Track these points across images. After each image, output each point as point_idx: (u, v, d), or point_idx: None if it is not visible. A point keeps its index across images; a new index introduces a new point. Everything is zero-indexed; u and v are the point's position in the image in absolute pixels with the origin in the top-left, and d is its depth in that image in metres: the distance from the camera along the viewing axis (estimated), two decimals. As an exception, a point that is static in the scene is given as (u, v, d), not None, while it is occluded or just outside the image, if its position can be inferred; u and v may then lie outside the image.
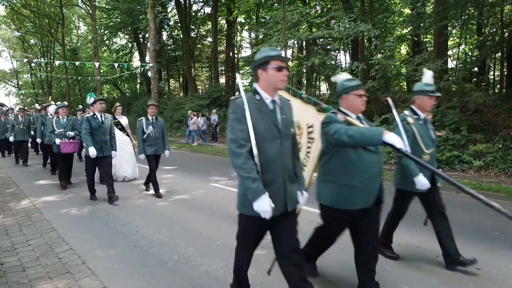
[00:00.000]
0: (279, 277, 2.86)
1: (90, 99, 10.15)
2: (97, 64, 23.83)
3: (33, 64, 38.52)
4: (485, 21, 15.82)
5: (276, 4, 21.38)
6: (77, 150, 8.61)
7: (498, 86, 17.57)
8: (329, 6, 22.52)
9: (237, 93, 8.73)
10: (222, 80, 29.65)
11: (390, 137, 2.51)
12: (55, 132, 8.06)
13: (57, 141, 7.90)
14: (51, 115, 9.35)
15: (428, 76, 3.91)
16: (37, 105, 15.53)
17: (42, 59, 35.40)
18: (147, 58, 26.29)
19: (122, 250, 4.43)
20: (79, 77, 31.32)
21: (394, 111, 3.74)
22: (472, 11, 14.51)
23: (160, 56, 25.54)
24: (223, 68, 29.52)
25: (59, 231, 5.11)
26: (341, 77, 3.25)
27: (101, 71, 28.64)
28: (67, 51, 34.74)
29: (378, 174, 3.07)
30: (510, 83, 15.18)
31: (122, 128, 8.76)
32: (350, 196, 2.94)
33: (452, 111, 11.14)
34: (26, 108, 13.17)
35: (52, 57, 37.74)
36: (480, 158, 9.81)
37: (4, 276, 3.74)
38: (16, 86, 47.45)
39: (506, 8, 14.15)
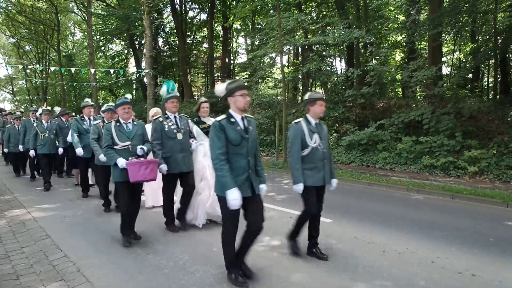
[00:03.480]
0: None
1: (168, 90, 5.64)
2: (92, 70, 23.74)
3: (28, 71, 38.41)
4: (479, 28, 15.98)
5: (271, 11, 21.47)
6: (156, 177, 4.83)
7: (492, 92, 17.69)
8: (324, 12, 22.66)
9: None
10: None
11: None
12: (116, 147, 4.83)
13: (121, 162, 4.65)
14: (101, 118, 6.70)
15: None
16: (57, 108, 11.93)
17: (38, 66, 35.30)
18: (143, 64, 26.22)
19: (118, 257, 4.40)
20: (75, 83, 31.20)
21: None
22: (466, 18, 14.65)
23: (156, 62, 25.53)
24: (219, 74, 29.53)
25: (53, 238, 5.08)
26: None
27: (97, 77, 28.56)
28: (63, 57, 34.64)
29: None
30: (504, 89, 15.31)
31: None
32: None
33: (447, 117, 11.21)
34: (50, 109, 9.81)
35: (47, 63, 37.63)
36: (475, 164, 9.86)
37: (-3, 284, 3.71)
38: (11, 92, 47.25)
39: (499, 15, 14.30)
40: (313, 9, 23.09)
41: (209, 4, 25.59)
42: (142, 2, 17.74)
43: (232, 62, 31.12)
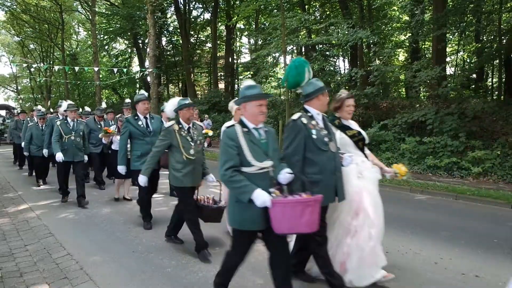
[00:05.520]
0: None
1: (306, 75, 3.47)
2: (96, 69, 23.86)
3: (32, 69, 38.59)
4: (483, 28, 15.91)
5: (275, 11, 21.47)
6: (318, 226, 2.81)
7: (496, 93, 17.63)
8: (328, 12, 22.64)
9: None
10: (221, 85, 29.69)
11: None
12: (247, 170, 2.84)
13: (264, 197, 2.68)
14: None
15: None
16: (104, 104, 10.02)
17: (42, 64, 35.45)
18: (147, 63, 26.35)
19: (120, 256, 4.41)
20: (78, 82, 31.32)
21: None
22: (470, 18, 14.59)
23: (159, 61, 25.57)
24: (222, 74, 29.58)
25: (57, 236, 5.10)
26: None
27: (100, 76, 28.66)
28: (67, 56, 34.81)
29: None
30: (508, 90, 15.23)
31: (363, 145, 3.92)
32: None
33: (451, 118, 11.16)
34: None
35: (51, 62, 37.78)
36: (479, 165, 9.81)
37: (1, 281, 3.73)
38: (15, 90, 47.45)
39: (504, 15, 14.25)
40: (316, 9, 23.07)
41: (213, 4, 25.63)
42: (146, 1, 17.79)
43: (235, 61, 31.13)
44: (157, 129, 5.64)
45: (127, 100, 8.84)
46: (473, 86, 17.48)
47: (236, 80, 30.59)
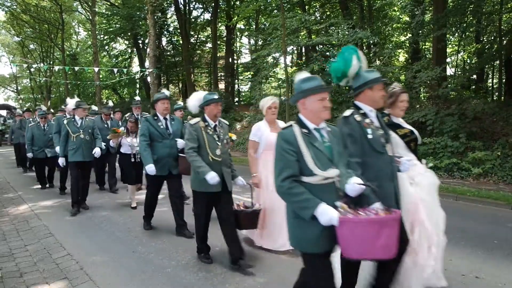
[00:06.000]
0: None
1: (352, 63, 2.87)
2: (96, 69, 23.87)
3: (32, 69, 38.62)
4: (484, 29, 15.91)
5: (275, 11, 21.48)
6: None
7: (497, 93, 17.63)
8: (328, 13, 22.65)
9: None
10: (222, 85, 29.69)
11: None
12: (308, 180, 2.32)
13: (329, 214, 2.17)
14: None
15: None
16: (110, 103, 9.61)
17: (42, 64, 35.46)
18: (147, 64, 26.36)
19: (120, 256, 4.42)
20: (78, 82, 31.33)
21: None
22: (471, 19, 14.60)
23: (159, 62, 25.58)
24: (223, 74, 29.59)
25: (57, 236, 5.10)
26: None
27: (101, 76, 28.66)
28: (67, 56, 34.81)
29: None
30: (508, 91, 15.23)
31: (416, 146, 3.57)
32: None
33: (451, 118, 11.16)
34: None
35: (51, 62, 37.81)
36: (479, 166, 9.80)
37: (1, 281, 3.73)
38: (15, 91, 47.47)
39: (504, 16, 14.25)
40: (317, 9, 23.08)
41: (213, 4, 25.63)
42: (146, 1, 17.79)
43: (235, 61, 31.14)
44: (177, 131, 5.23)
45: (137, 98, 8.47)
46: (474, 86, 17.48)
47: (236, 81, 30.59)
